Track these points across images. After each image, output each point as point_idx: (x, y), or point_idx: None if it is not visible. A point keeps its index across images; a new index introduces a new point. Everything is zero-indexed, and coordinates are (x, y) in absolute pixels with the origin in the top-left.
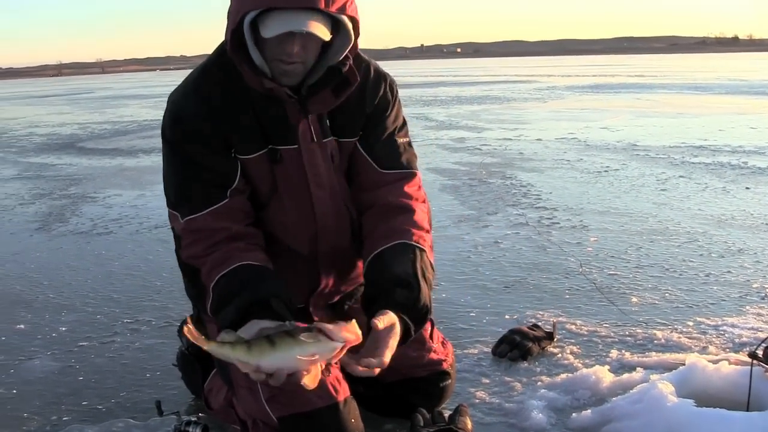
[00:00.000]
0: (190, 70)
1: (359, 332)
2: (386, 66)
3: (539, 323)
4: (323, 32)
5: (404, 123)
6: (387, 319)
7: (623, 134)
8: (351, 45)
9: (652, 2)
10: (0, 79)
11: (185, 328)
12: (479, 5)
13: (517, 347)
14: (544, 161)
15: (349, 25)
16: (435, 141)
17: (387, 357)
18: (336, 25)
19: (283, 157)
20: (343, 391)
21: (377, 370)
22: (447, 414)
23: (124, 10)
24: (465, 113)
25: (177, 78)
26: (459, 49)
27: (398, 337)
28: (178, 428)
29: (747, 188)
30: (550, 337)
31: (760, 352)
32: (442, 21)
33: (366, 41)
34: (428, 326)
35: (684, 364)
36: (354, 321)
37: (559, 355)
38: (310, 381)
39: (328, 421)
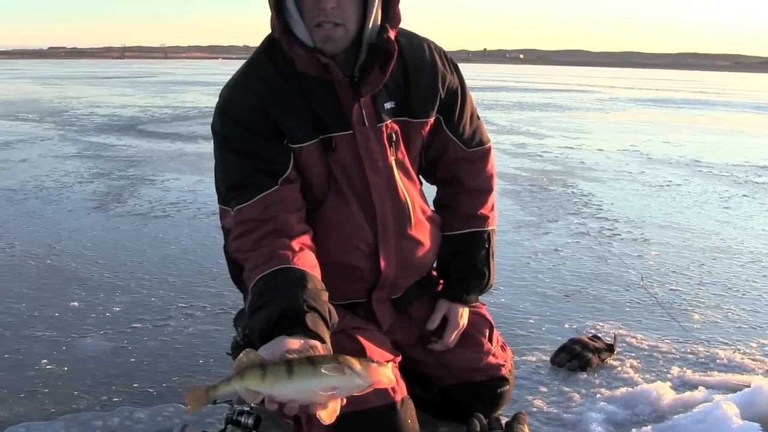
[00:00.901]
0: None
1: (392, 377)
2: None
3: (599, 334)
4: None
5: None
6: (445, 317)
7: (686, 149)
8: (382, 8)
9: (717, 20)
10: (64, 59)
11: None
12: (544, 12)
13: (577, 357)
14: (605, 172)
15: None
16: (496, 145)
17: (455, 336)
18: None
19: (338, 145)
20: (401, 391)
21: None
22: (504, 420)
23: None
24: (526, 119)
25: (239, 67)
26: (522, 55)
27: (467, 316)
28: (230, 417)
29: None
30: (610, 349)
31: None
32: (505, 26)
33: None
34: (486, 330)
35: (748, 386)
36: (391, 365)
37: (619, 368)
38: (326, 416)
39: (385, 420)
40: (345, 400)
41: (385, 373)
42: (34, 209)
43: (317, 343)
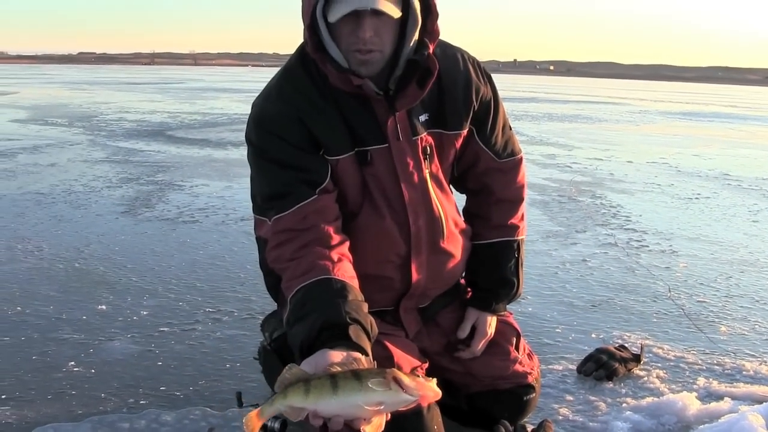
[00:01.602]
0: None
1: (439, 391)
2: None
3: (626, 344)
4: (391, 9)
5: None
6: (473, 325)
7: (715, 163)
8: (420, 25)
9: (748, 33)
10: (94, 64)
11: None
12: (574, 24)
13: (603, 367)
14: (634, 183)
15: (416, 3)
16: (525, 155)
17: (482, 345)
18: (407, 6)
19: (373, 158)
20: None
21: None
22: (530, 428)
23: (222, 4)
24: (556, 130)
25: (269, 74)
26: (552, 67)
27: (494, 325)
28: None
29: None
30: (637, 359)
31: None
32: (536, 37)
33: None
34: (513, 338)
35: None
36: (435, 380)
37: (645, 378)
38: (371, 431)
39: (412, 426)
40: (390, 415)
41: (431, 387)
42: (63, 213)
43: (360, 355)
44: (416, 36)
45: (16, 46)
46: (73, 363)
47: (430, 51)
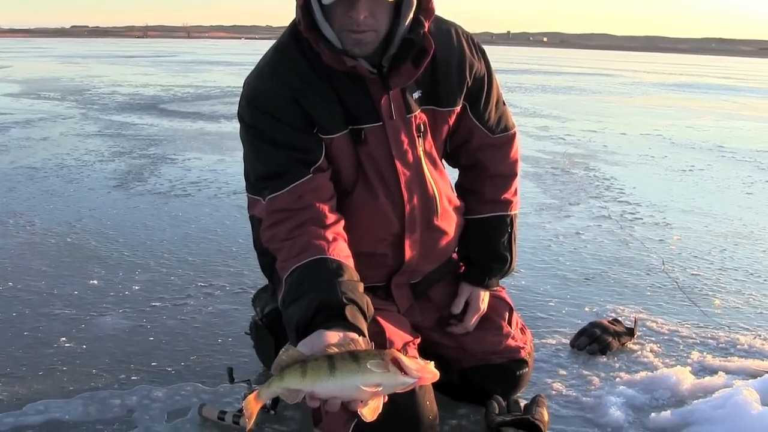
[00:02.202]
0: (274, 41)
1: (437, 372)
2: None
3: (619, 318)
4: None
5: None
6: (467, 300)
7: (709, 134)
8: (415, 5)
9: (742, 5)
10: (87, 38)
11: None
12: None
13: (597, 341)
14: (628, 156)
15: None
16: (519, 128)
17: (475, 320)
18: None
19: (367, 136)
20: None
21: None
22: (523, 403)
23: None
24: (549, 102)
25: (262, 47)
26: (545, 39)
27: (487, 300)
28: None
29: None
30: (630, 333)
31: None
32: (529, 9)
33: None
34: (506, 313)
35: None
36: (433, 363)
37: (639, 352)
38: (368, 413)
39: (404, 402)
40: (387, 397)
41: (429, 369)
42: (55, 187)
43: (357, 336)
44: (411, 14)
45: (8, 20)
46: (64, 339)
47: (426, 29)
